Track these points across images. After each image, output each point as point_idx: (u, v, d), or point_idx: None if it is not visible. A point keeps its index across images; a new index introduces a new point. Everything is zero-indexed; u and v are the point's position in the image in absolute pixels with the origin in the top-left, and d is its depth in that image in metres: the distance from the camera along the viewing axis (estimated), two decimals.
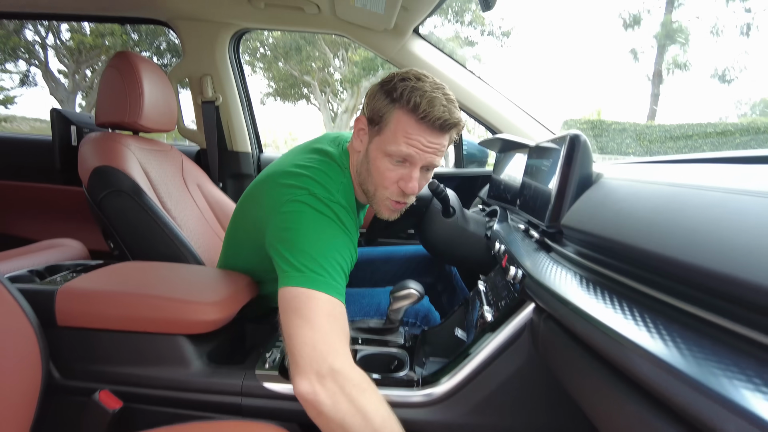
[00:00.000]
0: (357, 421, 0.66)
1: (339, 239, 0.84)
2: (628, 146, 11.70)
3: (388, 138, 0.88)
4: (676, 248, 0.42)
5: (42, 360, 0.74)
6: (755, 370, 0.32)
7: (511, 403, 0.75)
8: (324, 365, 0.69)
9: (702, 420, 0.33)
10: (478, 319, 0.86)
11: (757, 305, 0.34)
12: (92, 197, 1.14)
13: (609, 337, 0.44)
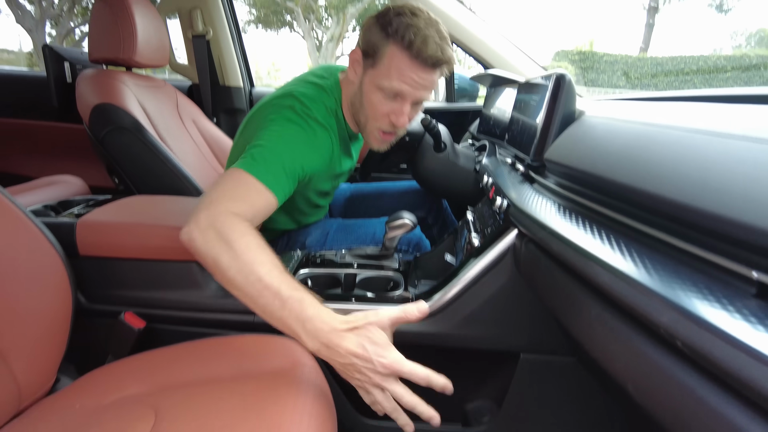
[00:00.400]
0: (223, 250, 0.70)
1: (298, 145, 0.90)
2: (619, 79, 11.57)
3: (381, 73, 0.92)
4: (641, 180, 0.49)
5: (71, 287, 0.82)
6: (698, 279, 0.40)
7: (495, 316, 0.85)
8: (203, 211, 0.74)
9: (646, 315, 0.41)
10: (465, 245, 0.94)
11: (707, 228, 0.41)
12: (94, 134, 1.17)
13: (578, 253, 0.52)
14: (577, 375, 0.87)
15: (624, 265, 0.46)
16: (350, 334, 0.63)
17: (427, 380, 0.63)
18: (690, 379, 0.37)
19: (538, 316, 0.84)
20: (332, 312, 0.66)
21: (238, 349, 0.80)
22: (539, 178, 0.80)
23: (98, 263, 0.90)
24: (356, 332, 0.64)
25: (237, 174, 0.82)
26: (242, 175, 0.82)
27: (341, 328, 0.64)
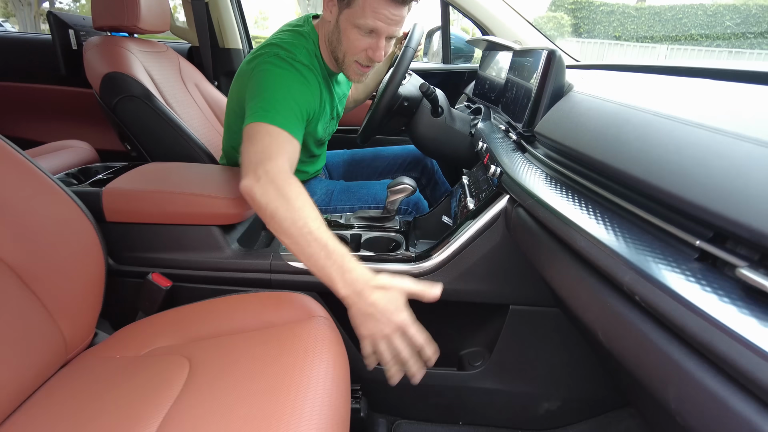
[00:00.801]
0: (281, 204, 0.80)
1: (295, 87, 1.00)
2: (615, 29, 11.35)
3: (356, 12, 1.00)
4: (612, 157, 0.57)
5: (102, 249, 0.89)
6: (655, 245, 0.49)
7: (488, 273, 0.95)
8: (260, 168, 0.84)
9: (613, 275, 0.50)
10: (462, 208, 1.03)
11: (663, 202, 0.49)
12: (105, 102, 1.22)
13: (560, 221, 0.60)
14: (559, 323, 0.97)
15: (598, 232, 0.54)
16: (379, 291, 0.74)
17: (421, 346, 0.76)
18: (645, 327, 0.46)
19: (525, 272, 0.94)
20: (367, 269, 0.77)
21: (258, 304, 0.89)
22: (530, 147, 0.87)
23: (124, 228, 0.97)
24: (383, 291, 0.74)
25: (264, 128, 0.91)
26: (269, 128, 0.91)
27: (373, 284, 0.75)
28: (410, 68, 1.28)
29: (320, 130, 1.23)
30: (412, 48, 1.16)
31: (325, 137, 1.33)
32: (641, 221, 0.53)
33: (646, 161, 0.52)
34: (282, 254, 0.99)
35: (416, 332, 0.75)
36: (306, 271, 0.97)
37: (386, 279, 0.76)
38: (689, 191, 0.46)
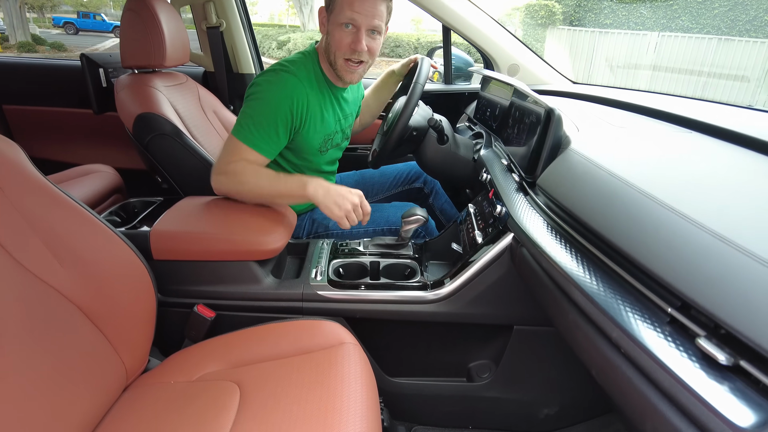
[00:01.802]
0: (243, 187, 1.15)
1: (276, 100, 1.16)
2: (606, 16, 11.41)
3: (337, 12, 1.16)
4: (605, 228, 0.69)
5: (153, 285, 1.01)
6: (638, 307, 0.61)
7: (495, 298, 1.08)
8: (221, 166, 1.15)
9: (604, 328, 0.62)
10: (470, 239, 1.15)
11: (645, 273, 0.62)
12: (138, 140, 1.32)
13: (560, 273, 0.73)
14: (559, 342, 1.11)
15: (591, 289, 0.67)
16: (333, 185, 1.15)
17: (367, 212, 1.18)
18: (630, 372, 0.59)
19: (528, 297, 1.07)
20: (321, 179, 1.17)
21: (294, 331, 1.01)
22: (531, 193, 0.99)
23: (170, 264, 1.08)
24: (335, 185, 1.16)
25: (234, 142, 1.15)
26: (234, 141, 1.15)
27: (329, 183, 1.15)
28: None
29: (317, 137, 1.32)
30: (420, 84, 1.27)
31: (328, 150, 1.41)
32: (626, 282, 0.66)
33: (629, 236, 0.65)
34: (312, 284, 1.11)
35: (365, 203, 1.17)
36: (334, 299, 1.10)
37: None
38: (661, 268, 0.58)
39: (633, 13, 11.23)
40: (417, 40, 14.80)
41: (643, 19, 10.81)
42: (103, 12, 22.99)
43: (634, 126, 1.09)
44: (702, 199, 0.65)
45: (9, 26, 14.37)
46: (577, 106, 1.40)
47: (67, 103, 1.99)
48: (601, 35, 10.10)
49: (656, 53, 9.61)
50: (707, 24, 10.28)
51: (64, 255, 0.86)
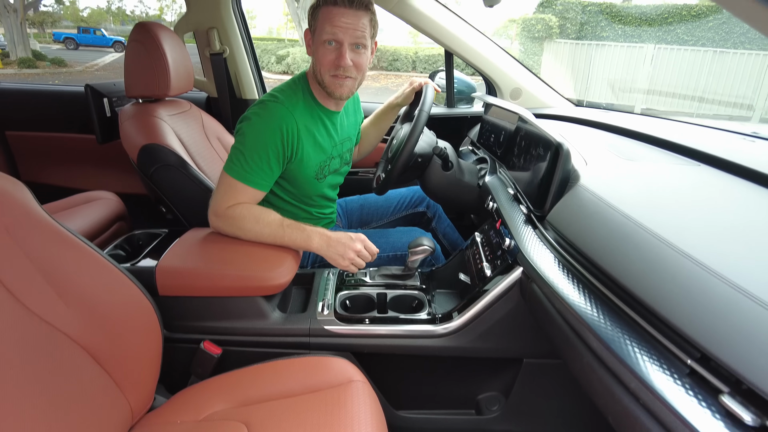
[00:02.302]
0: (241, 229, 1.13)
1: (266, 134, 1.16)
2: (603, 29, 11.53)
3: (319, 32, 1.17)
4: (619, 273, 0.68)
5: (159, 322, 1.00)
6: (657, 358, 0.60)
7: (504, 332, 1.07)
8: (219, 209, 1.14)
9: (621, 378, 0.61)
10: (478, 270, 1.14)
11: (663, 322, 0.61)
12: (143, 171, 1.31)
13: (574, 316, 0.72)
14: (567, 373, 1.09)
15: (607, 335, 0.66)
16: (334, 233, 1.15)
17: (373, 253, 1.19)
18: (650, 424, 0.58)
19: (538, 331, 1.06)
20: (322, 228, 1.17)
21: (302, 368, 1.00)
22: (540, 227, 0.99)
23: (175, 300, 1.07)
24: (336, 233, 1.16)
25: (228, 180, 1.15)
26: (230, 180, 1.15)
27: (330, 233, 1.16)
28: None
29: (311, 164, 1.30)
30: (426, 111, 1.27)
31: (324, 175, 1.39)
32: (641, 329, 0.65)
33: (645, 282, 0.64)
34: (319, 318, 1.10)
35: (370, 244, 1.18)
36: (341, 334, 1.09)
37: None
38: (680, 318, 0.58)
39: (629, 25, 11.36)
40: (415, 53, 14.89)
41: (639, 31, 10.93)
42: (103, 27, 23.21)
43: (642, 158, 1.09)
44: (719, 246, 0.65)
45: (10, 42, 14.47)
46: (581, 132, 1.40)
47: (70, 128, 1.99)
48: (598, 48, 10.20)
49: (653, 65, 9.70)
50: (702, 36, 10.39)
51: (69, 295, 0.86)
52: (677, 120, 1.53)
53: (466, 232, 1.68)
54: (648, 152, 1.15)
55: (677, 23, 10.64)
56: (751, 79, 8.71)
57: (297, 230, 1.15)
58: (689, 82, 9.29)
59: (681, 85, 9.39)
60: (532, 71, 1.83)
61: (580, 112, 1.69)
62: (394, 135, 1.53)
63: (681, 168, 0.99)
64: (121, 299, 0.93)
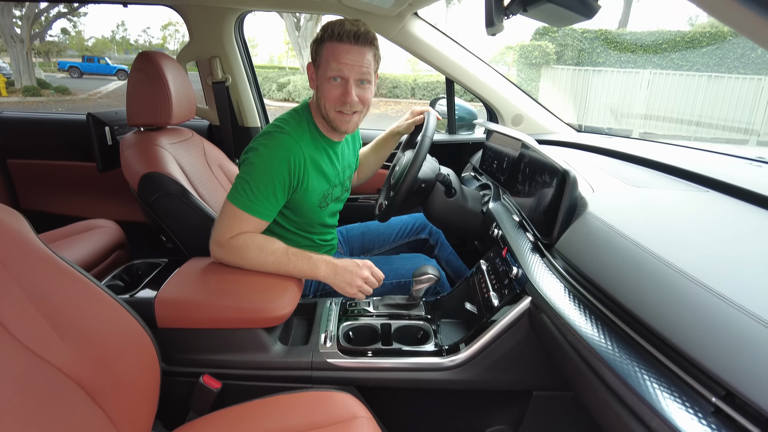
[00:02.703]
0: (245, 259, 1.11)
1: (274, 165, 1.15)
2: (599, 55, 11.73)
3: (324, 68, 1.16)
4: (635, 305, 0.66)
5: (157, 355, 0.96)
6: (679, 394, 0.58)
7: (513, 364, 1.03)
8: (222, 239, 1.12)
9: (640, 415, 0.58)
10: (485, 300, 1.11)
11: (685, 358, 0.58)
12: (143, 199, 1.30)
13: (588, 349, 0.70)
14: (578, 406, 1.06)
15: (624, 370, 0.63)
16: (339, 260, 1.15)
17: (380, 279, 1.18)
18: None
19: (548, 362, 1.03)
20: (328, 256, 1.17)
21: (305, 404, 0.96)
22: (548, 255, 0.96)
23: (174, 333, 1.04)
24: (341, 261, 1.15)
25: (232, 209, 1.13)
26: (234, 210, 1.13)
27: (335, 260, 1.15)
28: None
29: (315, 194, 1.29)
30: (429, 137, 1.27)
31: (327, 204, 1.38)
32: (659, 363, 0.62)
33: (662, 314, 0.62)
34: (321, 351, 1.06)
35: (378, 271, 1.17)
36: (345, 368, 1.05)
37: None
38: (702, 354, 0.55)
39: (624, 51, 11.56)
40: (414, 80, 15.11)
41: (634, 57, 11.12)
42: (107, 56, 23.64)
43: (649, 184, 1.08)
44: (740, 277, 0.63)
45: (15, 71, 14.72)
46: (585, 158, 1.40)
47: (71, 156, 1.99)
48: (595, 74, 10.35)
49: (649, 90, 9.83)
50: (696, 62, 10.56)
51: (65, 327, 0.83)
52: (678, 144, 1.52)
53: (468, 259, 1.66)
54: (653, 178, 1.14)
55: (671, 49, 10.83)
56: (746, 103, 8.81)
57: (303, 258, 1.13)
58: (685, 107, 9.40)
59: (678, 110, 9.50)
60: (533, 97, 1.84)
61: (582, 138, 1.69)
62: (396, 162, 1.52)
63: (689, 194, 0.98)
64: (118, 332, 0.90)
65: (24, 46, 14.42)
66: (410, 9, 1.58)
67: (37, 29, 15.82)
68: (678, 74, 9.87)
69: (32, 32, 14.79)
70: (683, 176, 1.11)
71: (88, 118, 1.59)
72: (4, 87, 14.01)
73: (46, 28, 17.31)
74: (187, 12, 1.81)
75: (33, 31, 14.94)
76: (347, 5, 1.64)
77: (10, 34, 13.86)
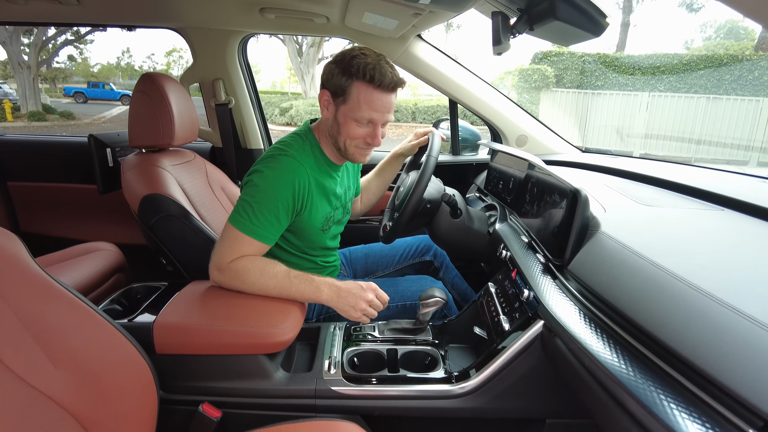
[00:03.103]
0: (245, 283, 1.08)
1: (278, 187, 1.13)
2: (597, 78, 11.87)
3: (353, 107, 1.14)
4: (659, 330, 0.63)
5: (155, 383, 0.93)
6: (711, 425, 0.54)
7: (525, 391, 0.99)
8: (223, 263, 1.09)
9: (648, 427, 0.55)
10: (495, 323, 1.08)
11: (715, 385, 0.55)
12: (144, 221, 1.27)
13: (603, 371, 0.66)
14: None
15: (647, 397, 0.59)
16: (343, 284, 1.11)
17: (385, 301, 1.14)
18: None
19: (561, 388, 0.98)
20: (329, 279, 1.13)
21: None
22: (560, 276, 0.93)
23: (173, 359, 1.01)
24: (344, 283, 1.11)
25: (233, 232, 1.10)
26: (236, 233, 1.10)
27: (338, 283, 1.11)
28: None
29: (318, 217, 1.27)
30: (434, 157, 1.25)
31: (329, 226, 1.36)
32: (686, 390, 0.58)
33: (689, 339, 0.58)
34: (326, 378, 1.02)
35: (381, 293, 1.13)
36: (350, 396, 1.01)
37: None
38: (736, 382, 0.52)
39: (623, 74, 11.71)
40: (414, 104, 15.29)
41: (633, 80, 11.25)
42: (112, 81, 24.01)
43: (661, 203, 1.05)
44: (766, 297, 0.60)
45: (21, 97, 14.91)
46: (593, 178, 1.38)
47: (72, 178, 1.98)
48: (594, 96, 10.46)
49: (648, 112, 9.91)
50: (694, 84, 10.68)
51: (59, 354, 0.79)
52: (684, 163, 1.51)
53: (474, 282, 1.62)
54: (665, 197, 1.11)
55: (669, 72, 10.97)
56: (745, 124, 8.87)
57: (305, 281, 1.10)
58: (685, 128, 9.46)
59: (677, 130, 9.56)
60: (536, 118, 1.83)
61: (587, 158, 1.67)
62: (400, 183, 1.50)
63: (705, 213, 0.95)
64: (114, 358, 0.87)
65: (31, 72, 14.64)
66: (414, 31, 1.59)
67: (45, 56, 16.10)
68: (676, 96, 9.97)
69: (39, 59, 15.03)
70: (694, 195, 1.09)
71: (90, 139, 1.58)
72: (10, 112, 14.17)
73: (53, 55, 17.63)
74: (190, 34, 1.83)
75: (40, 57, 15.19)
76: (351, 28, 1.65)
77: (17, 61, 14.09)
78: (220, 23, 1.75)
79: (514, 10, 1.01)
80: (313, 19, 1.58)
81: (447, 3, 1.12)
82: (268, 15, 1.57)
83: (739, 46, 12.96)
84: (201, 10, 1.63)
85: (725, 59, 10.27)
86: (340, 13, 1.52)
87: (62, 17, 1.70)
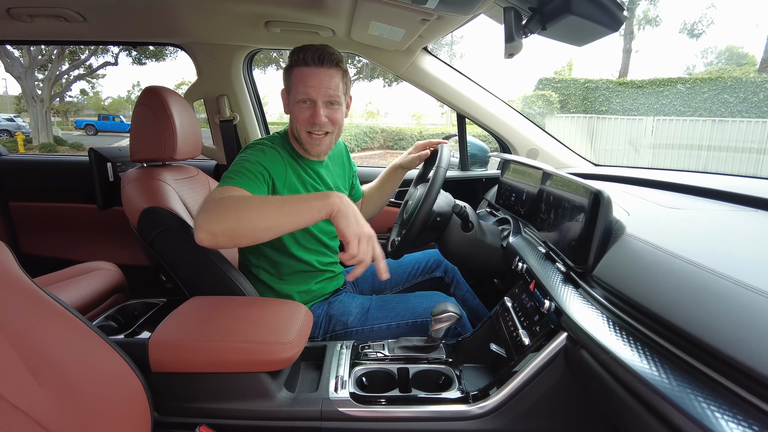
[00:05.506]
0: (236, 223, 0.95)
1: (254, 156, 1.17)
2: (601, 104, 11.95)
3: (293, 92, 1.20)
4: (698, 328, 0.56)
5: (149, 403, 0.86)
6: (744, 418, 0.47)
7: (549, 411, 0.91)
8: (206, 224, 0.95)
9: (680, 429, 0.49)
10: (513, 339, 1.01)
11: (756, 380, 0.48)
12: (143, 236, 1.23)
13: (634, 376, 0.59)
14: None
15: (697, 411, 0.52)
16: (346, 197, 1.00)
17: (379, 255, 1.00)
18: None
19: (588, 407, 0.90)
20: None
21: None
22: (583, 284, 0.87)
23: (169, 378, 0.94)
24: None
25: (212, 192, 1.05)
26: (215, 189, 1.06)
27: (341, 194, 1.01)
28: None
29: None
30: (443, 168, 1.20)
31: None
32: (747, 403, 0.51)
33: (742, 341, 0.52)
34: (332, 399, 0.95)
35: (378, 246, 1.00)
36: (358, 418, 0.93)
37: None
38: None
39: (626, 99, 11.77)
40: (419, 132, 15.49)
41: (636, 104, 11.30)
42: (122, 114, 24.51)
43: (687, 207, 0.99)
44: None
45: (34, 129, 15.22)
46: (611, 186, 1.32)
47: (74, 198, 1.95)
48: (599, 120, 10.49)
49: (654, 136, 9.90)
50: (699, 107, 10.71)
51: (44, 371, 0.73)
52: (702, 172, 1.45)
53: (486, 299, 1.55)
54: (690, 201, 1.05)
55: (673, 96, 11.02)
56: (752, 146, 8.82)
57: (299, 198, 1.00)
58: (691, 151, 9.43)
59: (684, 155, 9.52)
60: (547, 131, 1.79)
61: (600, 170, 1.62)
62: (408, 197, 1.46)
63: (738, 213, 0.89)
64: (106, 376, 0.81)
65: (44, 105, 14.98)
66: (420, 42, 1.57)
67: (58, 90, 16.50)
68: (681, 119, 9.98)
69: (53, 92, 15.40)
70: (722, 198, 1.03)
71: (90, 153, 1.56)
72: (22, 144, 14.43)
73: (65, 89, 18.06)
74: (195, 50, 1.82)
75: (53, 91, 15.57)
76: (356, 41, 1.64)
77: (31, 95, 14.44)
78: (225, 38, 1.74)
79: (525, 10, 0.99)
80: (318, 32, 1.57)
81: (455, 5, 1.09)
82: (273, 29, 1.56)
83: (741, 71, 13.07)
84: (205, 26, 1.63)
85: (729, 81, 10.31)
86: (346, 26, 1.50)
87: (68, 35, 1.71)
